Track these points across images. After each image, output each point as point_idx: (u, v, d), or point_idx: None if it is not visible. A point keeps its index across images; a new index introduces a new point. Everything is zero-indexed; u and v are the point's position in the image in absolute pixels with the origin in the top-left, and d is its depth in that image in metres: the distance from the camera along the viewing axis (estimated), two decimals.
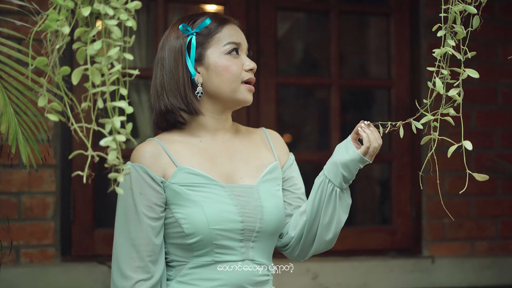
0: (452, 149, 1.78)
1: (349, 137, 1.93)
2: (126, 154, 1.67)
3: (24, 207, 3.30)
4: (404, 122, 1.85)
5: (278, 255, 2.19)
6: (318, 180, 1.96)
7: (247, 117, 3.61)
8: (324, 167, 1.96)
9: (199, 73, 1.95)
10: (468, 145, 1.78)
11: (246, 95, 1.96)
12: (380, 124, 1.89)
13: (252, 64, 1.97)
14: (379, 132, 1.89)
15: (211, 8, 3.93)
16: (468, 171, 1.75)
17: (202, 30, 1.95)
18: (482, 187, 3.92)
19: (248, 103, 1.99)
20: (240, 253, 1.90)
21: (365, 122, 1.92)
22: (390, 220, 3.90)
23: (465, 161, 1.74)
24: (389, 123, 1.88)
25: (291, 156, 2.10)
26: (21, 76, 1.89)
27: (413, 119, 1.82)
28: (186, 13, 3.87)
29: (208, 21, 1.95)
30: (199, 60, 1.95)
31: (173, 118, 1.96)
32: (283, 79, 3.77)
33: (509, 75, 3.99)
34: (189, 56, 1.94)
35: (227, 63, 1.94)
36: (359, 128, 1.90)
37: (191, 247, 1.88)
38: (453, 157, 1.85)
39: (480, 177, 1.80)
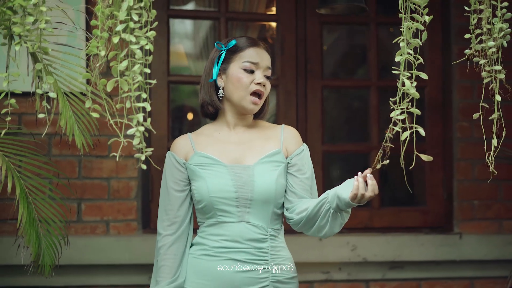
0: (405, 134, 2.02)
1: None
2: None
3: (113, 189, 3.65)
4: (385, 143, 2.09)
5: None
6: (323, 195, 2.24)
7: (296, 115, 3.95)
8: (333, 188, 2.22)
9: (222, 79, 2.37)
10: (421, 130, 2.00)
11: (249, 105, 2.34)
12: (379, 158, 2.11)
13: (262, 79, 2.33)
14: (386, 154, 2.08)
15: (272, 24, 4.31)
16: (416, 152, 1.97)
17: (231, 48, 2.35)
18: (510, 173, 4.08)
19: (249, 112, 2.37)
20: (237, 216, 2.29)
21: (361, 173, 2.13)
22: (424, 202, 4.10)
23: (414, 144, 1.95)
24: (378, 157, 2.12)
25: (302, 147, 2.40)
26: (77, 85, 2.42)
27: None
28: (246, 29, 4.31)
29: (234, 42, 2.35)
30: (223, 70, 2.36)
31: (204, 110, 2.42)
32: (327, 82, 4.08)
33: None
34: (217, 66, 2.36)
35: (240, 75, 2.33)
36: (355, 176, 2.14)
37: (202, 211, 2.33)
38: (482, 147, 2.11)
39: (425, 157, 2.04)
